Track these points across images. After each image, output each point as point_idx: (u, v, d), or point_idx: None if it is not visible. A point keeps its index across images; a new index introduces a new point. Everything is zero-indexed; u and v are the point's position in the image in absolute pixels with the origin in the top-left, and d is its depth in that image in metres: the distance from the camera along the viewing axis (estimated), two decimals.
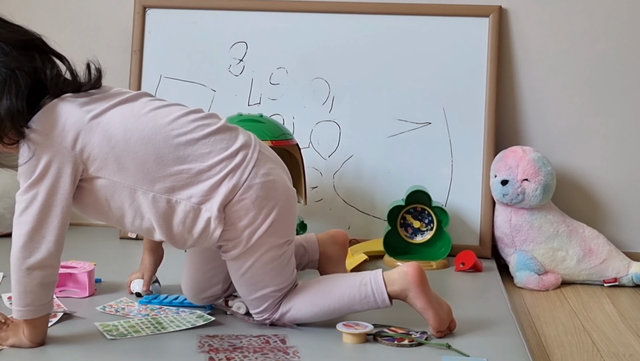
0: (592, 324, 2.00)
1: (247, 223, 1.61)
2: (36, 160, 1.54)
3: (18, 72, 1.54)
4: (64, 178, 1.55)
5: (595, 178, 2.52)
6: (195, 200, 1.59)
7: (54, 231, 1.56)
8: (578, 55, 2.51)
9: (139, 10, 2.58)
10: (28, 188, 1.55)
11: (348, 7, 2.53)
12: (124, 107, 1.60)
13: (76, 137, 1.55)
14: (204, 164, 1.59)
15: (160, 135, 1.58)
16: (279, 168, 1.69)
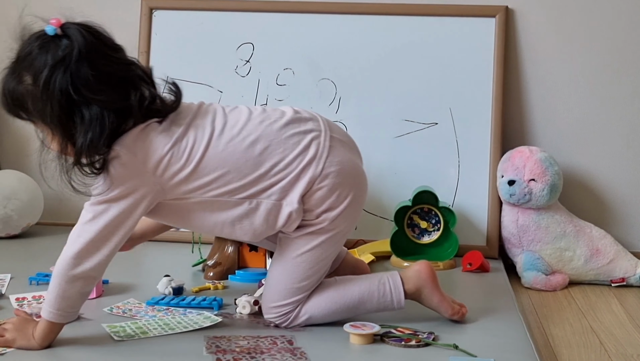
0: (600, 324, 2.00)
1: (324, 209, 1.65)
2: (118, 180, 1.56)
3: (106, 112, 1.54)
4: (141, 206, 1.59)
5: (602, 178, 2.52)
6: (275, 197, 1.63)
7: (111, 247, 1.59)
8: (585, 55, 2.51)
9: (146, 11, 2.59)
10: (102, 202, 1.58)
11: (354, 7, 2.53)
12: (197, 128, 1.62)
13: (158, 163, 1.58)
14: (280, 164, 1.63)
15: (237, 150, 1.61)
16: (351, 151, 1.72)
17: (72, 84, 1.52)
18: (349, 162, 1.68)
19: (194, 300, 1.86)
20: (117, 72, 1.57)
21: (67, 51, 1.56)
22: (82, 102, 1.53)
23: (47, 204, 2.60)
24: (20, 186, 2.50)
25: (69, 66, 1.53)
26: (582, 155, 2.52)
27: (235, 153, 1.61)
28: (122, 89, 1.57)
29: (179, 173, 1.59)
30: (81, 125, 1.53)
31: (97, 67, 1.55)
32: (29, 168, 2.70)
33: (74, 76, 1.53)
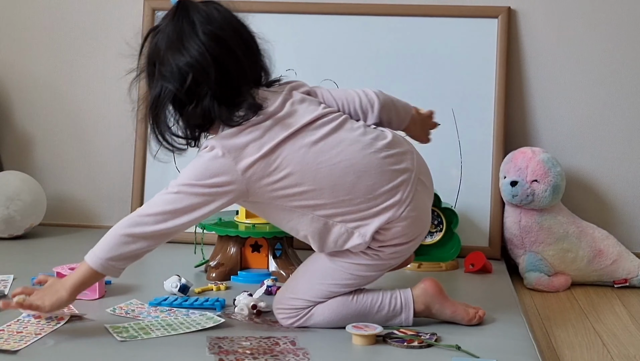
0: (603, 325, 2.00)
1: (387, 244, 1.69)
2: (211, 171, 1.62)
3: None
4: (223, 200, 1.63)
5: (605, 179, 2.52)
6: (351, 225, 1.67)
7: (177, 224, 1.63)
8: (587, 55, 2.51)
9: (148, 12, 2.59)
10: (190, 185, 1.62)
11: (356, 8, 2.53)
12: (295, 140, 1.65)
13: (250, 166, 1.62)
14: (367, 196, 1.65)
15: (331, 173, 1.64)
16: (429, 195, 1.75)
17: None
18: (425, 210, 1.72)
19: (197, 301, 1.86)
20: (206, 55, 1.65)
21: (192, 16, 1.67)
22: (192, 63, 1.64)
23: (50, 205, 2.60)
24: (23, 187, 2.50)
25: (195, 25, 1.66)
26: (584, 156, 2.52)
27: (329, 175, 1.64)
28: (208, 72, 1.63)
29: (268, 180, 1.63)
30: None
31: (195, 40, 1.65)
32: (32, 169, 2.70)
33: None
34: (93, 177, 2.71)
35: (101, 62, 2.68)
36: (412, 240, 1.71)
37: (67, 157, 2.72)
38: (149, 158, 2.56)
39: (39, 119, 2.72)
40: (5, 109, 2.74)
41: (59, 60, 2.70)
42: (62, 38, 2.70)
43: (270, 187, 1.64)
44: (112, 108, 2.68)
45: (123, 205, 2.62)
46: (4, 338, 1.63)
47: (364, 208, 1.66)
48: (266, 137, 1.64)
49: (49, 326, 1.70)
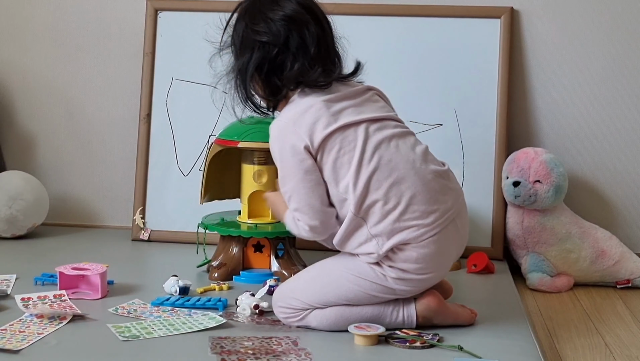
0: (605, 326, 2.00)
1: (398, 267, 1.67)
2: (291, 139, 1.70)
3: (264, 48, 1.73)
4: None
5: (607, 180, 2.51)
6: (373, 231, 1.67)
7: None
8: (590, 56, 2.51)
9: (151, 12, 2.59)
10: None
11: (358, 9, 2.53)
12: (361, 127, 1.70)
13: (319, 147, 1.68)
14: (402, 208, 1.66)
15: (382, 173, 1.67)
16: (457, 245, 1.74)
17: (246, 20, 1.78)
18: (446, 253, 1.71)
19: (199, 301, 1.86)
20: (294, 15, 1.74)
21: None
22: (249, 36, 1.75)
23: (52, 205, 2.61)
24: (25, 186, 2.50)
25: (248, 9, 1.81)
26: (587, 156, 2.51)
27: (380, 184, 1.66)
28: (287, 36, 1.72)
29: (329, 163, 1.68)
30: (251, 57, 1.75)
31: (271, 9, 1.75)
32: (35, 168, 2.71)
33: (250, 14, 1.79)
34: (95, 176, 2.71)
35: (104, 62, 2.68)
36: (421, 274, 1.68)
37: (70, 157, 2.72)
38: (152, 157, 2.56)
39: (42, 119, 2.72)
40: (8, 109, 2.74)
41: (61, 60, 2.70)
42: (65, 38, 2.70)
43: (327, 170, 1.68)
44: (115, 108, 2.68)
45: (125, 205, 2.62)
46: (6, 337, 1.63)
47: (393, 220, 1.65)
48: (338, 115, 1.69)
49: (51, 325, 1.70)
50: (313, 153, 1.68)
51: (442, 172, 1.74)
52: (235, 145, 2.10)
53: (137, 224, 2.53)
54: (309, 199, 1.68)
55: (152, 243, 2.50)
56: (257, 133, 2.09)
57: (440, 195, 1.70)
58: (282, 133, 1.70)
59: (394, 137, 1.71)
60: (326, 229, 1.70)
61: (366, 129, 1.69)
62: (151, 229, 2.53)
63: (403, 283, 1.69)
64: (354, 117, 1.70)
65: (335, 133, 1.68)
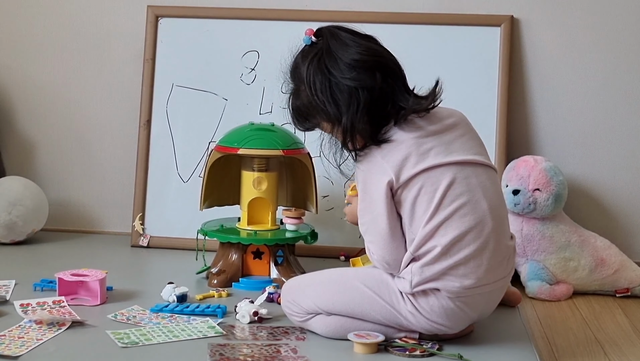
0: (604, 335, 1.99)
1: (415, 306, 1.66)
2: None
3: (360, 90, 1.66)
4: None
5: (607, 188, 2.51)
6: (415, 268, 1.65)
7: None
8: (589, 64, 2.51)
9: (152, 19, 2.59)
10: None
11: (359, 16, 2.53)
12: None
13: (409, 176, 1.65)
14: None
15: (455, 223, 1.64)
16: (481, 311, 1.71)
17: (328, 71, 1.67)
18: (469, 314, 1.68)
19: (198, 308, 1.86)
20: (363, 56, 1.69)
21: (318, 49, 1.70)
22: (343, 88, 1.66)
23: (51, 210, 2.60)
24: (25, 192, 2.50)
25: (321, 60, 1.68)
26: (587, 165, 2.51)
27: (447, 232, 1.63)
28: (373, 72, 1.68)
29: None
30: (351, 107, 1.66)
31: (346, 54, 1.68)
32: (34, 174, 2.71)
33: (329, 65, 1.67)
34: (95, 182, 2.71)
35: (104, 69, 2.68)
36: (433, 322, 1.66)
37: (70, 163, 2.72)
38: (151, 164, 2.56)
39: (42, 125, 2.73)
40: (8, 115, 2.74)
41: (61, 66, 2.70)
42: (66, 44, 2.70)
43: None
44: (115, 115, 2.68)
45: (125, 210, 2.62)
46: (5, 343, 1.63)
47: (442, 268, 1.62)
48: (427, 154, 1.66)
49: (50, 331, 1.70)
50: (395, 188, 1.65)
51: (511, 248, 1.72)
52: (235, 152, 2.10)
53: (136, 230, 2.53)
54: (384, 238, 1.66)
55: (152, 250, 2.50)
56: (256, 140, 2.10)
57: (496, 268, 1.67)
58: (369, 166, 1.67)
59: (478, 187, 1.67)
60: (397, 265, 1.66)
61: (454, 174, 1.65)
62: (150, 235, 2.53)
63: (414, 318, 1.67)
64: (442, 158, 1.66)
65: (422, 173, 1.64)
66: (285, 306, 1.77)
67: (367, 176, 1.67)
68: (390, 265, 1.66)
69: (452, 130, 1.73)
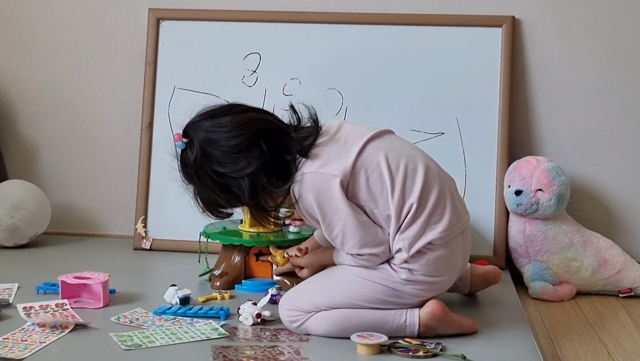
0: (608, 335, 1.99)
1: (413, 268, 1.72)
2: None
3: (252, 176, 1.69)
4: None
5: (609, 188, 2.51)
6: (404, 235, 1.72)
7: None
8: (591, 65, 2.51)
9: (153, 22, 2.59)
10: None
11: (360, 18, 2.53)
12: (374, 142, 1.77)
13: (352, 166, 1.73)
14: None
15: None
16: (466, 256, 1.83)
17: (214, 170, 1.70)
18: (456, 261, 1.78)
19: (201, 310, 1.86)
20: (241, 140, 1.69)
21: (195, 152, 1.73)
22: (234, 177, 1.70)
23: (54, 214, 2.61)
24: (27, 196, 2.50)
25: (201, 160, 1.72)
26: (589, 165, 2.51)
27: (412, 190, 1.72)
28: (253, 148, 1.69)
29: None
30: (247, 192, 1.70)
31: (221, 145, 1.70)
32: (36, 177, 2.71)
33: (211, 163, 1.70)
34: (97, 185, 2.71)
35: (106, 72, 2.68)
36: (430, 276, 1.71)
37: (72, 166, 2.72)
38: (153, 166, 2.56)
39: (44, 128, 2.73)
40: (10, 118, 2.74)
41: (63, 69, 2.71)
42: (67, 47, 2.71)
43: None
44: (117, 118, 2.68)
45: (127, 213, 2.62)
46: (8, 346, 1.63)
47: (422, 222, 1.70)
48: (349, 145, 1.73)
49: (53, 334, 1.70)
50: (345, 185, 1.70)
51: (453, 180, 1.84)
52: None
53: (139, 233, 2.53)
54: (362, 230, 1.70)
55: (154, 252, 2.50)
56: None
57: (459, 202, 1.79)
58: (313, 182, 1.70)
59: (406, 145, 1.79)
60: (387, 249, 1.72)
61: (380, 146, 1.74)
62: (153, 238, 2.53)
63: (411, 285, 1.71)
64: (361, 140, 1.74)
65: (357, 158, 1.71)
66: (283, 316, 1.77)
67: (317, 193, 1.70)
68: (383, 253, 1.72)
69: (341, 126, 1.81)
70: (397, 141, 1.81)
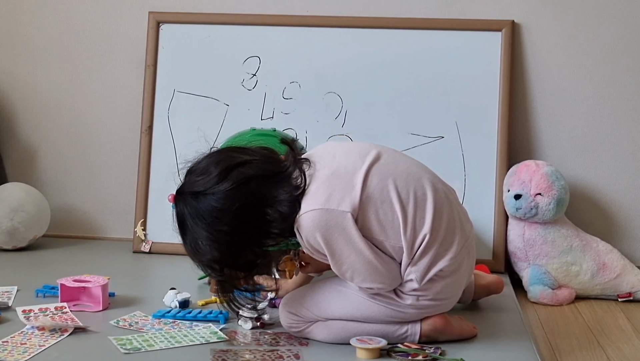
0: (607, 339, 1.99)
1: (421, 294, 1.69)
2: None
3: (249, 250, 1.66)
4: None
5: (609, 193, 2.51)
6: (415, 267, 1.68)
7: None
8: (591, 69, 2.51)
9: (153, 25, 2.60)
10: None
11: (360, 21, 2.54)
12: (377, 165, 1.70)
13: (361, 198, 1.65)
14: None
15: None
16: (470, 272, 1.81)
17: (210, 234, 1.65)
18: (461, 282, 1.75)
19: (200, 313, 1.86)
20: (234, 202, 1.63)
21: (189, 216, 1.71)
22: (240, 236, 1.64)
23: (53, 216, 2.60)
24: (27, 198, 2.50)
25: (196, 226, 1.69)
26: (588, 169, 2.51)
27: (424, 220, 1.67)
28: (245, 210, 1.63)
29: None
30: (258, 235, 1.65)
31: (217, 206, 1.65)
32: (36, 180, 2.71)
33: (208, 228, 1.66)
34: (97, 188, 2.71)
35: (106, 75, 2.68)
36: (436, 300, 1.69)
37: (71, 169, 2.72)
38: (153, 170, 2.56)
39: (43, 131, 2.73)
40: (9, 121, 2.74)
41: (63, 72, 2.71)
42: (67, 50, 2.71)
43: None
44: (117, 121, 2.68)
45: (126, 217, 2.62)
46: (8, 349, 1.63)
47: (434, 252, 1.66)
48: (347, 176, 1.65)
49: (52, 338, 1.70)
50: (355, 217, 1.63)
51: (454, 191, 1.78)
52: None
53: (138, 236, 2.53)
54: (372, 265, 1.64)
55: (153, 255, 2.50)
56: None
57: (463, 216, 1.74)
58: (319, 220, 1.62)
59: (408, 163, 1.73)
60: (397, 280, 1.68)
61: (385, 172, 1.66)
62: (152, 241, 2.53)
63: (416, 308, 1.69)
64: (361, 163, 1.66)
65: (363, 189, 1.63)
66: (283, 320, 1.76)
67: (324, 231, 1.62)
68: (391, 286, 1.68)
69: (335, 154, 1.72)
70: (399, 161, 1.72)
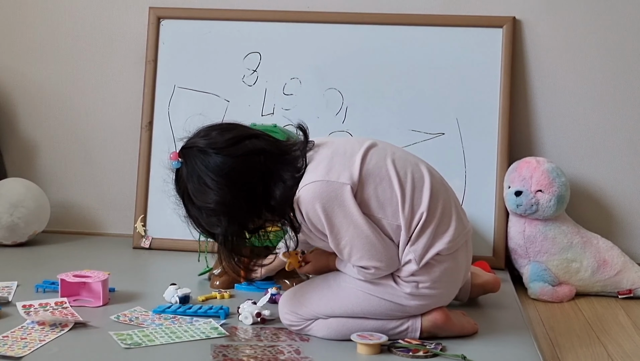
0: (607, 335, 1.99)
1: (419, 280, 1.69)
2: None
3: (248, 214, 1.66)
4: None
5: (609, 189, 2.51)
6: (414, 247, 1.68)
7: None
8: (592, 65, 2.51)
9: (153, 20, 2.59)
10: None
11: (361, 17, 2.53)
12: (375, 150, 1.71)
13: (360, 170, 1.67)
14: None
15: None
16: (467, 267, 1.81)
17: (215, 183, 1.67)
18: (459, 273, 1.75)
19: (201, 309, 1.86)
20: (244, 177, 1.64)
21: (194, 172, 1.72)
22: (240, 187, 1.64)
23: (53, 212, 2.60)
24: (26, 194, 2.50)
25: (201, 178, 1.70)
26: (589, 166, 2.51)
27: (421, 199, 1.69)
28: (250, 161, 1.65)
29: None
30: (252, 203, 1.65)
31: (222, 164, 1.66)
32: (36, 176, 2.71)
33: (215, 178, 1.67)
34: (97, 184, 2.71)
35: (106, 70, 2.68)
36: (435, 289, 1.69)
37: (71, 165, 2.72)
38: (153, 165, 2.56)
39: (44, 126, 2.73)
40: (9, 116, 2.74)
41: (63, 67, 2.70)
42: (67, 46, 2.71)
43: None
44: (117, 117, 2.68)
45: (127, 212, 2.62)
46: (8, 344, 1.63)
47: (431, 232, 1.67)
48: (347, 155, 1.67)
49: (53, 333, 1.70)
50: (354, 192, 1.64)
51: (450, 187, 1.80)
52: None
53: (138, 232, 2.53)
54: (371, 241, 1.64)
55: (153, 251, 2.50)
56: None
57: (461, 210, 1.76)
58: (320, 191, 1.63)
59: (405, 152, 1.75)
60: (395, 262, 1.68)
61: (383, 153, 1.69)
62: (152, 237, 2.53)
63: (415, 298, 1.69)
64: (359, 147, 1.69)
65: (362, 166, 1.65)
66: (284, 319, 1.76)
67: (324, 202, 1.62)
68: (389, 267, 1.67)
69: (333, 140, 1.76)
70: (395, 149, 1.75)
